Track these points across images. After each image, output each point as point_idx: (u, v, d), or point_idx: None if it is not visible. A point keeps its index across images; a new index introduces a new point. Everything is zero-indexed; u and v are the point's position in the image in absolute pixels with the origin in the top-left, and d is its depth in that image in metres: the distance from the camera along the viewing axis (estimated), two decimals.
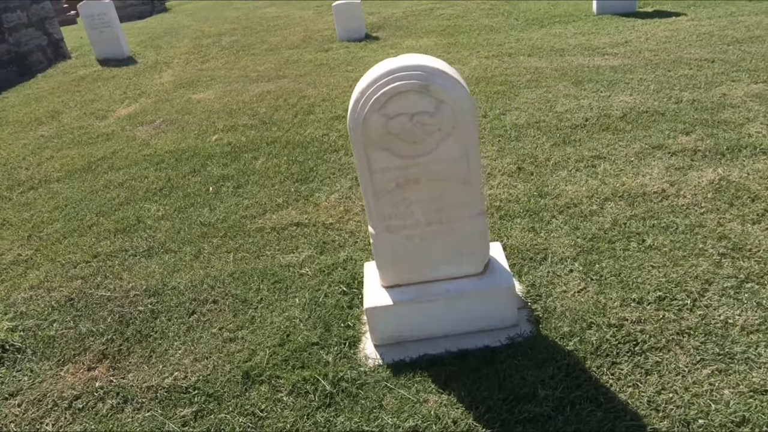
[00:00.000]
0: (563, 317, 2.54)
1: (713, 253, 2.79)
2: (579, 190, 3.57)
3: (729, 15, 7.44)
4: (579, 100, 5.15)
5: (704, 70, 5.49)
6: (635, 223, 3.13)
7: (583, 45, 7.02)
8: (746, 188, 3.33)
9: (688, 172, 3.61)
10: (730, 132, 4.09)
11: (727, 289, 2.55)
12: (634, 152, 3.98)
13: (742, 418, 1.98)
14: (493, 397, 2.23)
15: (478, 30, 8.69)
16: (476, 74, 6.40)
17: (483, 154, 4.30)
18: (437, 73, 2.13)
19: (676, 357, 2.26)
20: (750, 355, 2.22)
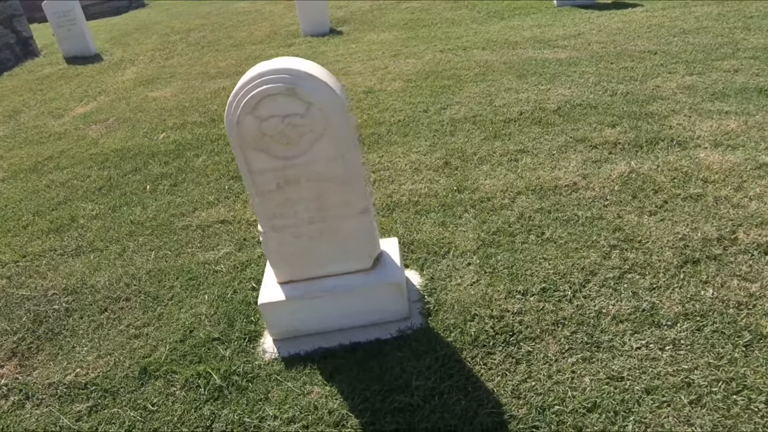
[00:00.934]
0: (451, 309, 2.62)
1: (604, 244, 2.87)
2: (496, 184, 3.65)
3: (682, 5, 7.50)
4: (519, 93, 5.21)
5: (645, 62, 5.56)
6: (539, 216, 3.21)
7: (537, 38, 7.08)
8: (652, 180, 3.41)
9: (602, 165, 3.69)
10: (653, 124, 4.17)
11: (609, 279, 2.63)
12: (557, 146, 4.05)
13: (594, 404, 2.07)
14: (371, 388, 2.31)
15: (439, 23, 8.73)
16: (427, 68, 6.45)
17: (415, 150, 4.37)
18: (304, 76, 2.20)
19: (547, 346, 2.35)
20: (615, 344, 2.30)
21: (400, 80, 6.17)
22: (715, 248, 2.73)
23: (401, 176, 3.97)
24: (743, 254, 2.66)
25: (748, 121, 3.99)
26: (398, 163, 4.20)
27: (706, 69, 5.11)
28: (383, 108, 5.39)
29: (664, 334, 2.31)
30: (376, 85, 6.14)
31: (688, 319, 2.36)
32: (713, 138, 3.81)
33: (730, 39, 5.85)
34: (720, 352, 2.19)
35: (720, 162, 3.49)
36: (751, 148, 3.62)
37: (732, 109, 4.22)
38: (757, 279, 2.51)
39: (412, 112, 5.16)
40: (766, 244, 2.70)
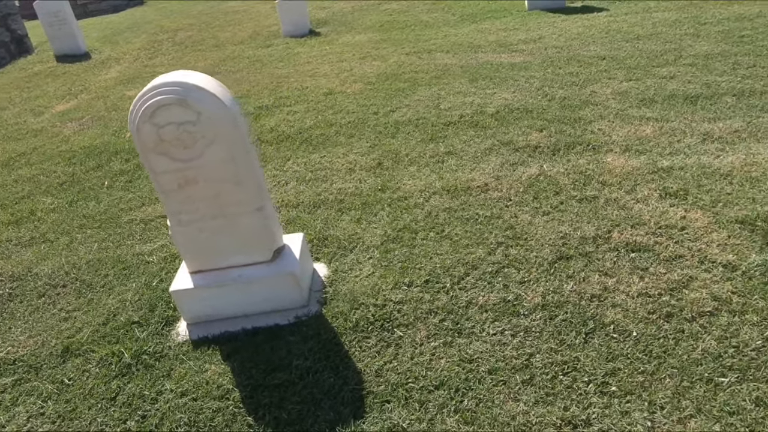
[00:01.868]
0: (343, 298, 2.89)
1: (493, 242, 3.13)
2: (417, 184, 3.91)
3: (644, 11, 7.69)
4: (466, 97, 5.45)
5: (591, 67, 5.78)
6: (445, 215, 3.47)
7: (500, 41, 7.31)
8: (556, 183, 3.65)
9: (518, 167, 3.94)
10: (577, 129, 4.40)
11: (486, 273, 2.89)
12: (483, 148, 4.30)
13: (441, 382, 2.33)
14: (258, 367, 2.59)
15: (413, 26, 8.97)
16: (389, 71, 6.70)
17: (356, 151, 4.63)
18: (194, 88, 2.47)
19: (417, 332, 2.61)
20: (475, 331, 2.56)
21: (360, 82, 6.42)
22: (588, 246, 2.97)
23: (335, 176, 4.24)
24: (611, 252, 2.91)
25: (664, 127, 4.22)
26: (336, 163, 4.46)
27: (645, 75, 5.33)
28: (338, 110, 5.65)
29: (519, 322, 2.56)
30: (337, 87, 6.40)
31: (545, 309, 2.61)
32: (625, 143, 4.04)
33: (677, 45, 6.05)
34: (563, 339, 2.44)
35: (622, 166, 3.73)
36: (656, 153, 3.85)
37: (653, 115, 4.44)
38: (615, 274, 2.75)
39: (363, 114, 5.42)
40: (634, 243, 2.94)
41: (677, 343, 2.34)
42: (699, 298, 2.53)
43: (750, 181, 3.37)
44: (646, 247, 2.90)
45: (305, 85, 6.63)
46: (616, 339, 2.40)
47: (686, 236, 2.95)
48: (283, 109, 5.92)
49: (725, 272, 2.67)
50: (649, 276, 2.71)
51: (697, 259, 2.78)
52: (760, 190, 3.26)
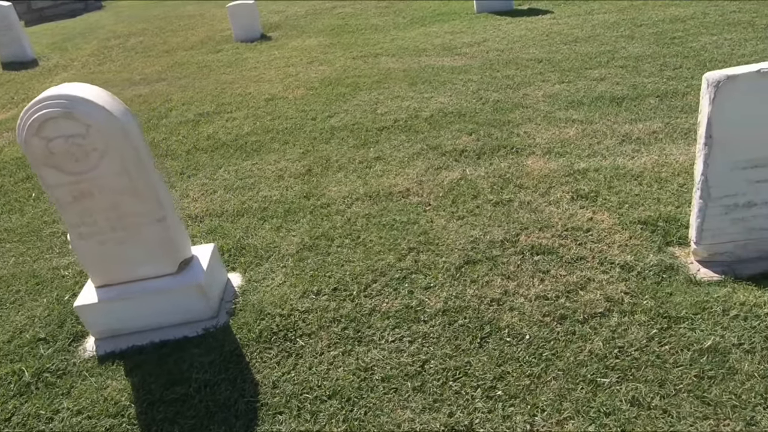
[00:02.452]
0: (252, 309, 2.87)
1: (405, 248, 3.14)
2: (341, 191, 3.91)
3: (586, 13, 7.83)
4: (403, 101, 5.48)
5: (527, 70, 5.86)
6: (364, 221, 3.48)
7: (445, 45, 7.36)
8: (475, 187, 3.69)
9: (442, 172, 3.97)
10: (505, 132, 4.45)
11: (393, 280, 2.90)
12: (412, 153, 4.33)
13: (334, 392, 2.33)
14: (157, 381, 2.56)
15: (363, 29, 8.98)
16: (333, 76, 6.70)
17: (288, 157, 4.61)
18: (81, 101, 2.43)
19: (319, 341, 2.61)
20: (375, 338, 2.57)
21: (303, 88, 6.41)
22: (496, 250, 3.01)
23: (263, 183, 4.21)
24: (516, 255, 2.95)
25: (587, 129, 4.30)
26: (267, 170, 4.44)
27: (577, 77, 5.42)
28: (277, 116, 5.62)
29: (419, 328, 2.58)
30: (280, 92, 6.37)
31: (445, 315, 2.63)
32: (548, 146, 4.10)
33: (612, 47, 6.17)
34: (459, 344, 2.47)
35: (540, 169, 3.78)
36: (575, 155, 3.91)
37: (579, 117, 4.52)
38: (517, 278, 2.79)
39: (301, 120, 5.41)
40: (540, 246, 2.99)
41: (567, 345, 2.38)
42: (593, 300, 2.58)
43: (658, 181, 3.45)
44: (550, 250, 2.95)
45: (248, 91, 6.58)
46: (509, 343, 2.44)
47: (590, 238, 3.01)
48: (223, 116, 5.87)
49: (621, 273, 2.73)
50: (549, 279, 2.76)
51: (598, 261, 2.83)
52: (666, 191, 3.34)
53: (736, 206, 2.63)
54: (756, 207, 2.64)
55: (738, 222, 2.67)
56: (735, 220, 2.67)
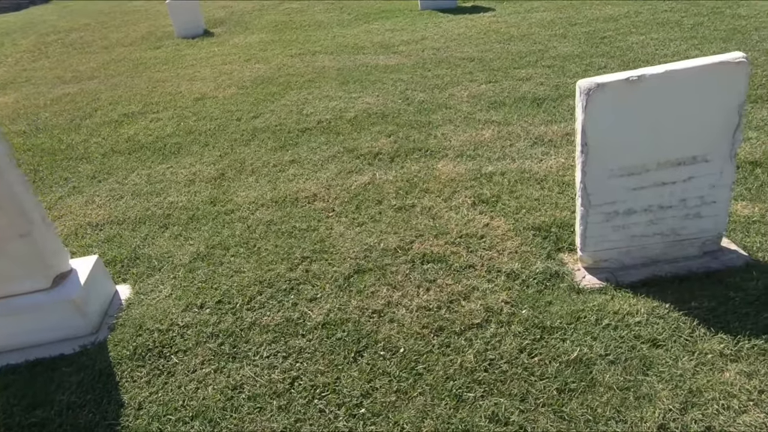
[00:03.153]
0: (132, 324, 2.77)
1: (298, 257, 3.07)
2: (249, 196, 3.81)
3: (526, 11, 7.84)
4: (331, 101, 5.39)
5: (458, 69, 5.82)
6: (263, 228, 3.39)
7: (384, 42, 7.29)
8: (381, 191, 3.63)
9: (352, 175, 3.90)
10: (423, 134, 4.41)
11: (280, 291, 2.82)
12: (327, 156, 4.25)
13: (198, 412, 2.25)
14: (21, 404, 2.43)
15: (307, 26, 8.85)
16: (268, 74, 6.57)
17: (204, 160, 4.49)
18: None
19: (194, 358, 2.52)
20: (250, 354, 2.49)
21: (235, 87, 6.27)
22: (387, 259, 2.96)
23: (172, 188, 4.09)
24: (406, 264, 2.90)
25: (503, 130, 4.28)
26: (180, 174, 4.31)
27: (504, 77, 5.41)
28: (202, 116, 5.48)
29: (296, 343, 2.51)
30: (210, 92, 6.22)
31: (325, 328, 2.57)
32: (461, 148, 4.07)
33: (543, 47, 6.18)
34: (333, 360, 2.41)
35: (449, 172, 3.74)
36: (486, 158, 3.89)
37: (498, 119, 4.50)
38: (403, 288, 2.74)
39: (226, 121, 5.28)
40: (431, 254, 2.95)
41: (439, 358, 2.34)
42: (473, 310, 2.55)
43: (560, 185, 3.44)
44: (441, 258, 2.91)
45: (179, 90, 6.41)
46: (383, 357, 2.38)
47: (483, 245, 2.98)
48: (148, 116, 5.70)
49: (506, 282, 2.70)
50: (435, 288, 2.72)
51: (486, 269, 2.80)
52: (566, 195, 3.33)
53: (617, 213, 2.62)
54: (636, 214, 2.63)
55: (619, 229, 2.67)
56: (616, 227, 2.66)
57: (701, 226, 2.68)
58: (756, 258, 2.66)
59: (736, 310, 2.36)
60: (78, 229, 3.72)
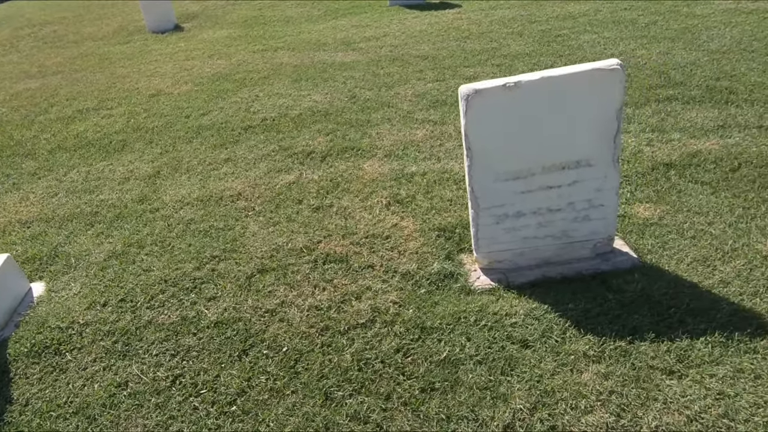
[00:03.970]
0: (36, 321, 2.82)
1: (208, 255, 3.12)
2: (177, 194, 3.86)
3: (490, 8, 7.85)
4: (280, 99, 5.43)
5: (410, 67, 5.85)
6: (182, 227, 3.44)
7: (347, 39, 7.31)
8: (304, 190, 3.67)
9: (281, 174, 3.94)
10: (359, 133, 4.45)
11: (182, 290, 2.88)
12: (262, 155, 4.29)
13: (79, 409, 2.31)
14: None
15: (276, 21, 8.86)
16: (226, 71, 6.60)
17: (144, 158, 4.53)
18: None
19: (87, 355, 2.58)
20: (140, 352, 2.54)
21: (191, 83, 6.30)
22: (291, 258, 3.01)
23: (106, 186, 4.14)
24: (309, 264, 2.95)
25: (436, 131, 4.32)
26: (117, 172, 4.36)
27: (452, 75, 5.44)
28: (153, 113, 5.52)
29: (186, 341, 2.57)
30: (167, 88, 6.25)
31: (217, 326, 2.62)
32: (391, 148, 4.11)
33: (498, 45, 6.20)
34: (218, 358, 2.46)
35: (372, 172, 3.79)
36: (412, 158, 3.93)
37: (434, 118, 4.54)
38: (300, 287, 2.79)
39: (175, 118, 5.32)
40: (335, 254, 3.00)
41: (318, 357, 2.39)
42: (360, 310, 2.60)
43: None
44: (343, 258, 2.96)
45: (137, 86, 6.45)
46: (265, 355, 2.44)
47: (386, 245, 3.03)
48: (101, 113, 5.74)
49: (400, 282, 2.75)
50: (330, 288, 2.77)
51: (383, 269, 2.85)
52: None
53: (506, 216, 2.67)
54: (526, 217, 2.68)
55: (511, 231, 2.72)
56: (508, 230, 2.71)
57: (591, 228, 2.73)
58: (644, 260, 2.71)
59: (609, 312, 2.42)
60: (7, 226, 3.77)
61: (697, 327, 2.29)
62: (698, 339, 2.24)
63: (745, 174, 3.33)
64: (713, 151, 3.61)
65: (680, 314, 2.36)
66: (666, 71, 4.90)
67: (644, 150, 3.72)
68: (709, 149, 3.63)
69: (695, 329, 2.29)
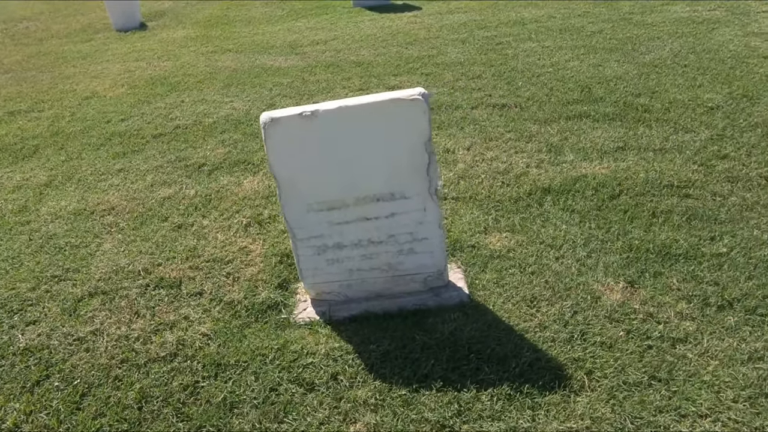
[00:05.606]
0: None
1: (49, 275, 3.04)
2: (56, 206, 3.79)
3: (447, 12, 7.68)
4: (202, 105, 5.34)
5: (340, 74, 5.72)
6: (42, 242, 3.37)
7: (295, 42, 7.20)
8: (175, 206, 3.58)
9: (162, 188, 3.85)
10: (259, 145, 4.34)
11: (7, 312, 2.80)
12: (155, 166, 4.21)
13: None
14: None
15: (237, 22, 8.78)
16: (166, 73, 6.54)
17: (47, 165, 4.47)
18: None
19: None
20: None
21: (127, 86, 6.25)
22: (127, 281, 2.91)
23: None
24: (140, 288, 2.84)
25: None
26: (14, 179, 4.31)
27: (377, 84, 5.30)
28: (77, 117, 5.47)
29: None
30: (103, 90, 6.21)
31: (24, 353, 2.52)
32: None
33: (437, 52, 6.04)
34: (11, 388, 2.37)
35: (248, 189, 3.68)
36: None
37: None
38: (120, 313, 2.70)
39: (95, 123, 5.26)
40: (169, 278, 2.89)
41: (105, 392, 2.30)
42: (167, 342, 2.50)
43: None
44: (176, 283, 2.86)
45: (76, 88, 6.41)
46: (56, 388, 2.34)
47: (224, 270, 2.92)
48: (29, 115, 5.71)
49: (220, 312, 2.65)
50: (149, 316, 2.67)
51: (210, 297, 2.75)
52: None
53: (327, 247, 2.55)
54: (347, 248, 2.55)
55: (335, 263, 2.59)
56: (331, 261, 2.59)
57: (419, 261, 2.59)
58: (474, 297, 2.57)
59: (409, 355, 2.29)
60: None
61: (489, 376, 2.15)
62: (486, 390, 2.10)
63: (621, 203, 3.16)
64: (599, 175, 3.43)
65: (478, 361, 2.22)
66: (590, 85, 4.71)
67: (531, 172, 3.56)
68: (595, 174, 3.46)
69: (486, 379, 2.15)
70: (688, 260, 2.67)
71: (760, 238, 2.76)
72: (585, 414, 1.99)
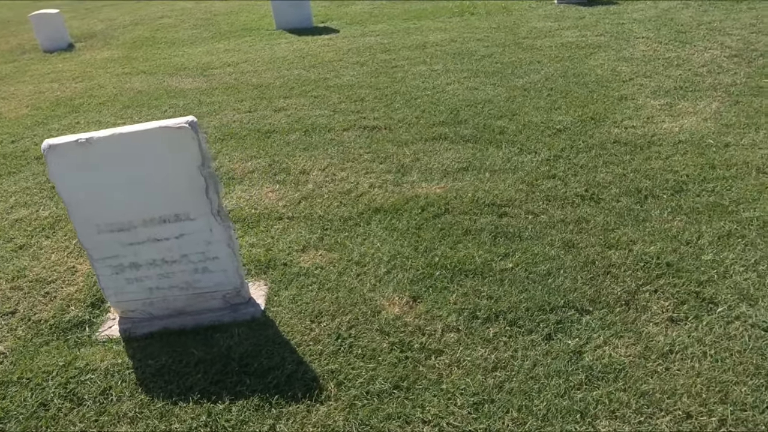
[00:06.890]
0: None
1: None
2: None
3: (361, 35, 7.89)
4: (95, 127, 5.43)
5: (234, 96, 5.87)
6: None
7: (207, 64, 7.34)
8: (25, 226, 3.67)
9: (18, 209, 3.94)
10: None
11: None
12: (28, 186, 4.28)
13: None
14: None
15: (164, 43, 8.90)
16: (74, 95, 6.60)
17: None
18: None
19: None
20: None
21: (32, 107, 6.31)
22: None
23: None
24: None
25: None
26: None
27: (266, 106, 5.45)
28: None
29: None
30: (7, 112, 6.26)
31: None
32: None
33: (334, 75, 6.23)
34: None
35: None
36: None
37: (214, 152, 4.55)
38: None
39: None
40: None
41: None
42: None
43: None
44: None
45: None
46: None
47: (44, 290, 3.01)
48: None
49: (26, 330, 2.74)
50: None
51: (22, 316, 2.84)
52: None
53: (123, 267, 2.66)
54: (144, 268, 2.67)
55: (134, 282, 2.71)
56: (130, 280, 2.70)
57: (215, 280, 2.72)
58: (267, 314, 2.70)
59: (181, 370, 2.41)
60: None
61: (248, 389, 2.28)
62: (238, 402, 2.23)
63: (441, 221, 3.34)
64: (431, 195, 3.61)
65: (243, 375, 2.35)
66: (459, 108, 4.93)
67: (372, 192, 3.72)
68: (429, 194, 3.64)
69: (243, 391, 2.28)
70: (476, 276, 2.84)
71: (546, 254, 2.95)
72: (318, 422, 2.13)
